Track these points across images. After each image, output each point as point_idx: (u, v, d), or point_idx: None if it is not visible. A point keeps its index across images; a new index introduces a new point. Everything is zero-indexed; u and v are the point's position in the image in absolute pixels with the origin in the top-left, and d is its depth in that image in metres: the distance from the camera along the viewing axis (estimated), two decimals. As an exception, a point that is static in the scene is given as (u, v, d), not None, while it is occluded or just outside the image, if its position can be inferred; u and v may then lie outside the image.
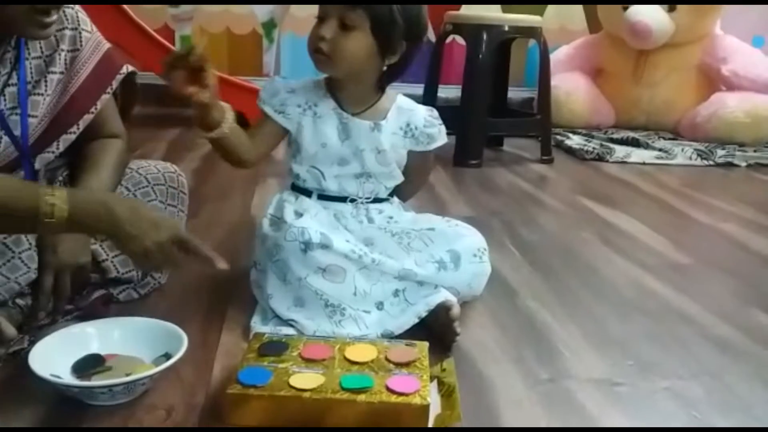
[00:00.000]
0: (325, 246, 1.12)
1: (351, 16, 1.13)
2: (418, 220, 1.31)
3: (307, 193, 1.26)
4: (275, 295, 1.15)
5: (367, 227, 1.24)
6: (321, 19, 1.15)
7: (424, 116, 1.28)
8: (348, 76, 1.19)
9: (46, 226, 0.90)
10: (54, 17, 1.00)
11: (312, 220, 1.18)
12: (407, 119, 1.26)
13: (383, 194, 1.29)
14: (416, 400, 0.88)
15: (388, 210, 1.29)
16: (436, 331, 1.13)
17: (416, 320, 1.15)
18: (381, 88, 1.24)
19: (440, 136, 1.30)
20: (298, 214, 1.21)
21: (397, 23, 1.14)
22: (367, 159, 1.23)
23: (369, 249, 1.18)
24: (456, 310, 1.14)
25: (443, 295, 1.17)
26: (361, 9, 1.12)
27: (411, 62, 1.22)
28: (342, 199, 1.26)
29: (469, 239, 1.26)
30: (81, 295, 1.13)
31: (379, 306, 1.17)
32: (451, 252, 1.22)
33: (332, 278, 1.13)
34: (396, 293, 1.18)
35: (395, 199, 1.34)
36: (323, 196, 1.25)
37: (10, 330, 0.96)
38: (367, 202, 1.27)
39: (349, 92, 1.23)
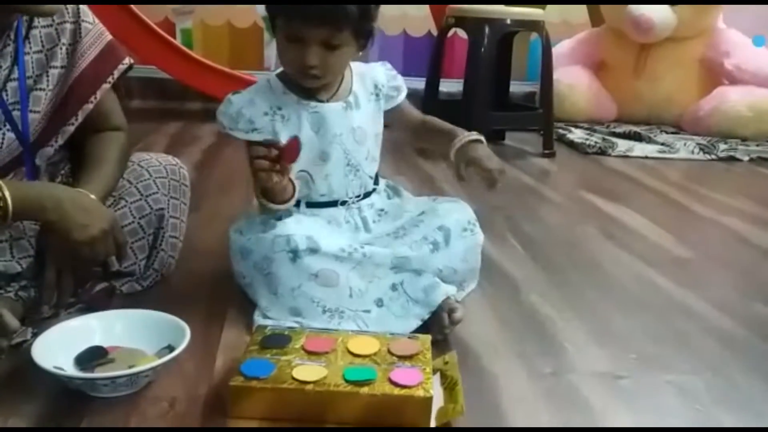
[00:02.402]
0: (314, 250, 1.10)
1: (338, 37, 1.09)
2: (406, 204, 1.30)
3: (295, 204, 1.19)
4: (271, 308, 1.13)
5: (366, 238, 1.22)
6: (298, 40, 1.09)
7: (383, 72, 1.27)
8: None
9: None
10: None
11: (296, 225, 1.14)
12: (372, 81, 1.25)
13: (370, 186, 1.27)
14: (419, 392, 0.88)
15: (378, 202, 1.28)
16: (435, 331, 1.11)
17: (419, 323, 1.13)
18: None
19: (404, 85, 1.30)
20: (280, 220, 1.16)
21: (371, 17, 1.12)
22: (346, 142, 1.20)
23: (359, 245, 1.16)
24: (459, 314, 1.12)
25: (444, 291, 1.15)
26: (347, 29, 1.08)
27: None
28: (332, 204, 1.23)
29: (457, 214, 1.25)
30: (84, 287, 1.13)
31: (379, 303, 1.14)
32: (442, 229, 1.20)
33: (325, 283, 1.11)
34: (394, 287, 1.15)
35: (381, 184, 1.32)
36: (312, 204, 1.22)
37: (14, 322, 0.96)
38: (358, 201, 1.25)
39: (321, 85, 1.19)
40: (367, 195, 1.27)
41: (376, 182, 1.30)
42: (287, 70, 1.16)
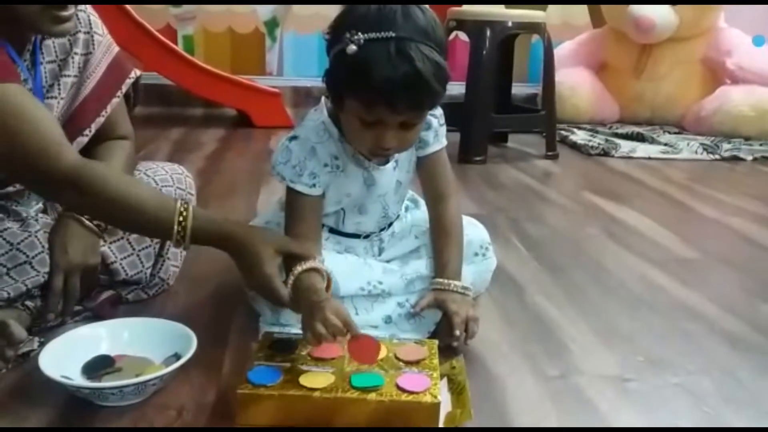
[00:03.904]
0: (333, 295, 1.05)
1: (419, 116, 1.02)
2: (420, 220, 1.24)
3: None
4: (278, 320, 1.12)
5: (377, 258, 1.20)
6: (373, 123, 0.99)
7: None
8: None
9: (176, 245, 1.03)
10: (71, 11, 1.00)
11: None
12: None
13: (397, 216, 1.24)
14: (427, 398, 0.88)
15: (397, 227, 1.24)
16: (439, 338, 1.09)
17: (427, 335, 1.12)
18: None
19: (436, 139, 1.17)
20: None
21: (446, 87, 1.00)
22: (389, 200, 1.17)
23: (377, 281, 1.12)
24: (475, 327, 1.09)
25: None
26: (426, 109, 1.02)
27: None
28: (356, 235, 1.19)
29: (467, 238, 1.21)
30: (90, 296, 1.14)
31: (387, 320, 1.13)
32: None
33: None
34: (400, 305, 1.14)
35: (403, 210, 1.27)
36: (335, 231, 1.18)
37: (21, 332, 0.96)
38: (381, 233, 1.21)
39: None
40: (389, 224, 1.23)
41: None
42: (357, 148, 1.08)
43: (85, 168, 0.98)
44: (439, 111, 1.17)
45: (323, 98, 1.12)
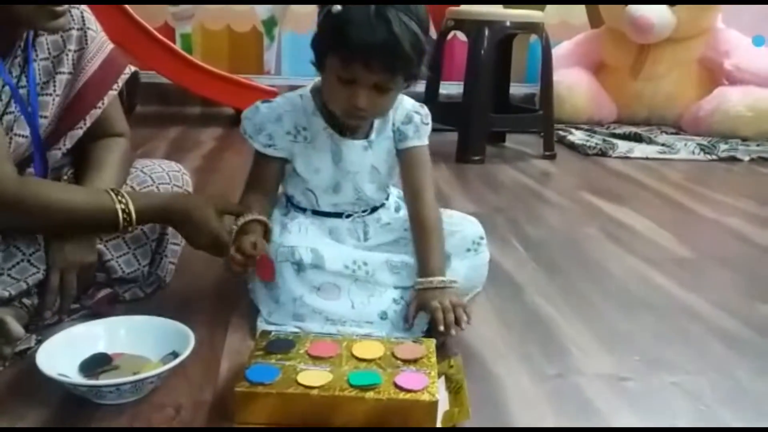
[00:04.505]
0: (317, 266, 1.11)
1: (392, 81, 1.07)
2: None
3: (301, 209, 1.22)
4: (274, 313, 1.13)
5: (363, 246, 1.21)
6: (351, 82, 1.05)
7: (406, 111, 1.21)
8: None
9: (122, 229, 1.09)
10: (65, 6, 1.01)
11: (299, 235, 1.15)
12: (393, 117, 1.20)
13: (379, 202, 1.26)
14: (425, 396, 0.88)
15: (384, 216, 1.25)
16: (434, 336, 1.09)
17: (421, 334, 1.12)
18: None
19: (416, 135, 1.20)
20: (284, 227, 1.18)
21: (423, 61, 1.08)
22: (360, 181, 1.19)
23: (362, 262, 1.15)
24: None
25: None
26: (402, 74, 1.07)
27: None
28: (338, 215, 1.22)
29: (460, 234, 1.22)
30: (87, 294, 1.13)
31: (383, 316, 1.13)
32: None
33: (327, 296, 1.12)
34: (396, 301, 1.15)
35: (392, 196, 1.29)
36: (318, 212, 1.22)
37: (18, 329, 0.96)
38: (364, 215, 1.23)
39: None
40: (374, 210, 1.25)
41: (386, 197, 1.28)
42: (333, 108, 1.13)
43: (25, 185, 1.02)
44: (424, 110, 1.23)
45: (315, 80, 1.20)
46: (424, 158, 1.23)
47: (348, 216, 1.22)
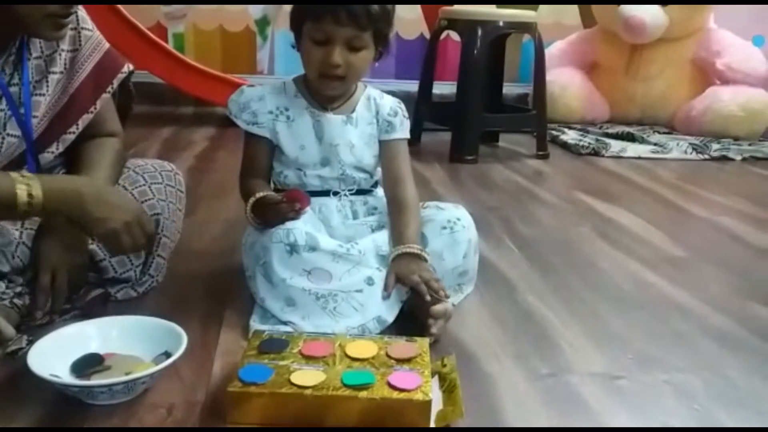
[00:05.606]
0: (312, 248, 1.12)
1: (361, 38, 1.15)
2: None
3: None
4: (267, 297, 1.14)
5: (351, 224, 1.25)
6: (322, 42, 1.15)
7: (390, 105, 1.30)
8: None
9: (24, 215, 0.99)
10: (71, 17, 1.00)
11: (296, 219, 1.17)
12: (376, 108, 1.28)
13: (366, 185, 1.30)
14: (418, 395, 0.87)
15: (372, 201, 1.30)
16: (420, 319, 1.13)
17: (401, 304, 1.16)
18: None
19: (401, 128, 1.30)
20: None
21: (391, 23, 1.18)
22: (342, 153, 1.24)
23: (352, 245, 1.18)
24: (439, 308, 1.11)
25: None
26: (370, 29, 1.14)
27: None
28: (325, 193, 1.26)
29: (440, 216, 1.26)
30: (78, 294, 1.13)
31: (370, 282, 1.15)
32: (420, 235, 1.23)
33: (317, 281, 1.12)
34: (379, 269, 1.17)
35: (380, 190, 1.33)
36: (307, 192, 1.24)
37: (9, 330, 0.95)
38: (351, 194, 1.28)
39: (338, 94, 1.24)
40: (361, 192, 1.29)
41: (374, 186, 1.32)
42: (311, 75, 1.21)
43: None
44: (404, 107, 1.32)
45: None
46: (405, 150, 1.32)
47: (335, 193, 1.27)
